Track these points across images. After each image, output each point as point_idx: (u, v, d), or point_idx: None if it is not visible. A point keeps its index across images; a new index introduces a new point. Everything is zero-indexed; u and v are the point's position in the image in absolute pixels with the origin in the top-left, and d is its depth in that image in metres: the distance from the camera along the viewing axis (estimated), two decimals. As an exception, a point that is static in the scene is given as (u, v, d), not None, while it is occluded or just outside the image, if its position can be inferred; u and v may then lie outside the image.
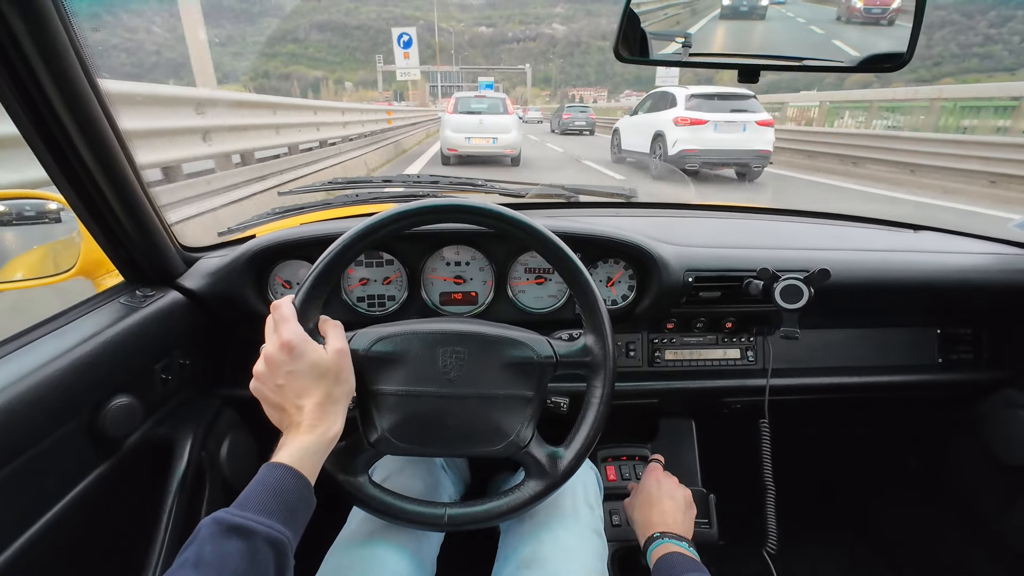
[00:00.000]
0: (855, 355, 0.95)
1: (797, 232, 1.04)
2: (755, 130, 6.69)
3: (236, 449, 0.77)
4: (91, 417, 0.56)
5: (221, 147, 4.12)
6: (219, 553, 0.37)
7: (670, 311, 0.86)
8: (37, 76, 0.46)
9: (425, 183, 0.99)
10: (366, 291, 0.82)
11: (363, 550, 0.58)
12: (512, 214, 0.56)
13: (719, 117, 6.70)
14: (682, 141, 6.69)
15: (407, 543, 0.60)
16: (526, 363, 0.56)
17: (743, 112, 6.81)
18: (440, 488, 0.72)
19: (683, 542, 0.65)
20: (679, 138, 6.71)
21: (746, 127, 6.70)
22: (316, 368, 0.48)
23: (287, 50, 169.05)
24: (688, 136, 6.68)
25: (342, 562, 0.57)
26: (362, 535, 0.60)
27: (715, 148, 6.64)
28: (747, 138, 6.67)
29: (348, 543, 0.60)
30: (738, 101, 6.87)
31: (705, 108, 6.79)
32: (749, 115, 6.78)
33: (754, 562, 0.83)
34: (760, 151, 6.71)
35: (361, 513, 0.58)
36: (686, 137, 6.68)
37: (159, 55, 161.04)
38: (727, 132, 6.66)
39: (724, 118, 6.71)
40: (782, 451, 0.87)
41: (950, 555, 1.09)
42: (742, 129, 6.68)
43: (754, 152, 6.71)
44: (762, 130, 6.72)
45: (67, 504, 0.53)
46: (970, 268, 0.90)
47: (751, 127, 6.70)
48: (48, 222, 0.77)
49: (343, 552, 0.59)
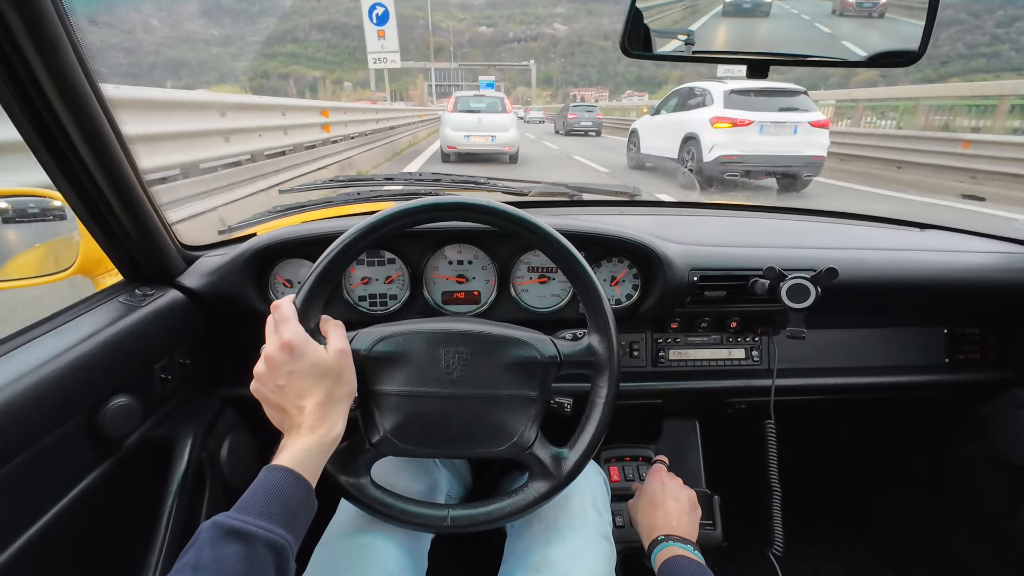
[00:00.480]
0: (861, 355, 0.95)
1: (803, 231, 1.03)
2: (808, 132, 5.59)
3: (236, 449, 0.77)
4: (90, 417, 0.56)
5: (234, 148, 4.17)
6: (218, 557, 0.36)
7: (674, 310, 0.85)
8: (35, 74, 0.46)
9: (427, 181, 0.98)
10: (368, 290, 0.82)
11: (356, 540, 0.57)
12: (515, 212, 0.56)
13: (765, 117, 5.55)
14: (721, 146, 5.61)
15: (400, 535, 0.59)
16: (530, 363, 0.55)
17: (794, 111, 5.65)
18: (436, 489, 0.71)
19: (688, 545, 0.65)
20: (717, 142, 5.63)
21: (797, 129, 5.56)
22: (317, 368, 0.47)
23: (286, 50, 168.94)
24: (728, 140, 5.59)
25: (336, 552, 0.57)
26: (354, 525, 0.59)
27: (760, 154, 5.55)
28: (798, 142, 5.58)
29: (341, 533, 0.59)
30: (787, 98, 5.73)
31: (748, 106, 5.62)
32: (801, 114, 5.64)
33: (759, 563, 0.82)
34: (813, 157, 5.63)
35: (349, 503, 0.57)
36: (725, 141, 5.60)
37: (157, 54, 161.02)
38: (775, 135, 5.55)
39: (771, 118, 5.56)
40: (787, 452, 0.86)
41: (955, 556, 1.08)
42: (792, 131, 5.56)
43: (806, 159, 5.61)
44: (816, 132, 5.61)
45: (66, 504, 0.52)
46: (977, 267, 0.89)
47: (803, 129, 5.57)
48: (52, 219, 0.77)
49: (336, 542, 0.58)
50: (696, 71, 17.83)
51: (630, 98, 64.66)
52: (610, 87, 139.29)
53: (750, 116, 5.59)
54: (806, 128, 5.60)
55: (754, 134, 5.58)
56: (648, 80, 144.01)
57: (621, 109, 28.61)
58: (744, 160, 5.60)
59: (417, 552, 0.62)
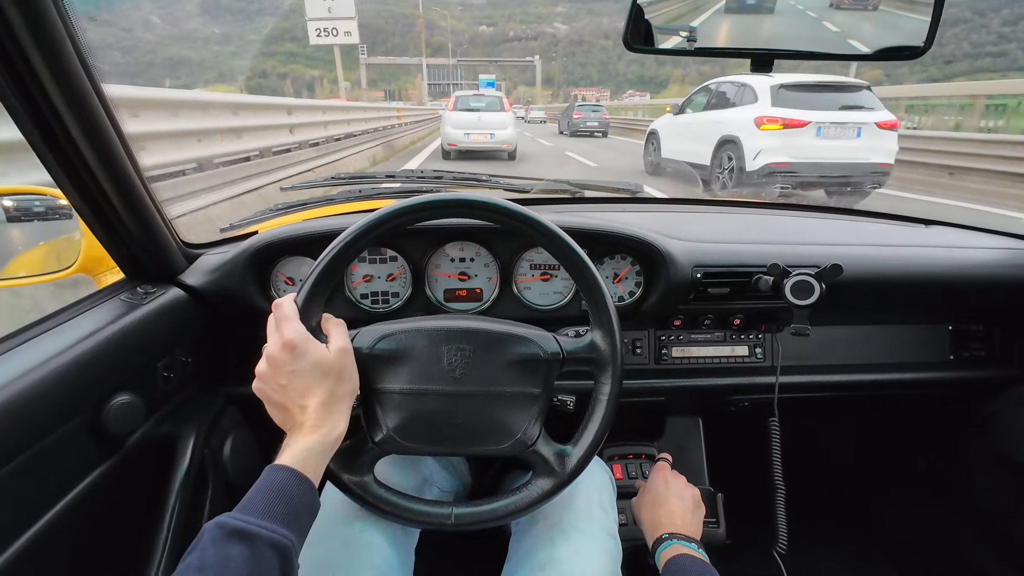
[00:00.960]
0: (865, 352, 0.94)
1: (807, 227, 1.03)
2: (874, 135, 4.63)
3: (239, 447, 0.77)
4: (93, 415, 0.56)
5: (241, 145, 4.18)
6: (222, 557, 0.36)
7: (677, 308, 0.85)
8: (36, 72, 0.46)
9: (429, 178, 0.98)
10: (369, 288, 0.81)
11: (342, 532, 0.57)
12: (517, 208, 0.55)
13: (824, 117, 4.58)
14: (769, 152, 4.63)
15: (387, 528, 0.59)
16: (532, 360, 0.55)
17: (857, 109, 4.67)
18: (428, 484, 0.72)
19: (692, 543, 0.64)
20: (764, 147, 4.66)
21: (861, 131, 4.60)
22: (319, 367, 0.47)
23: (285, 49, 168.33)
24: (778, 144, 4.61)
25: (321, 545, 0.56)
26: (340, 518, 0.59)
27: (816, 161, 4.59)
28: (862, 147, 4.62)
29: (326, 525, 0.58)
30: (849, 94, 4.77)
31: (802, 104, 4.66)
32: (865, 114, 4.67)
33: (763, 562, 0.82)
34: (879, 165, 4.68)
35: (336, 491, 0.57)
36: (775, 145, 4.62)
37: (155, 53, 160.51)
38: (835, 138, 4.60)
39: (831, 118, 4.58)
40: (790, 449, 0.86)
41: (959, 555, 1.08)
42: (855, 134, 4.61)
43: (870, 167, 4.68)
44: (883, 135, 4.65)
45: (69, 502, 0.52)
46: (982, 263, 0.89)
47: (868, 131, 4.61)
48: (59, 218, 0.77)
49: (321, 534, 0.57)
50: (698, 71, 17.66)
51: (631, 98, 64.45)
52: (611, 87, 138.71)
53: (805, 116, 4.57)
54: (872, 130, 4.62)
55: (810, 137, 4.57)
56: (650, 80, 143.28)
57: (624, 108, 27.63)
58: (797, 169, 4.61)
59: (405, 546, 0.61)
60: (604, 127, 16.26)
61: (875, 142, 4.67)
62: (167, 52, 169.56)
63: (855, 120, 4.68)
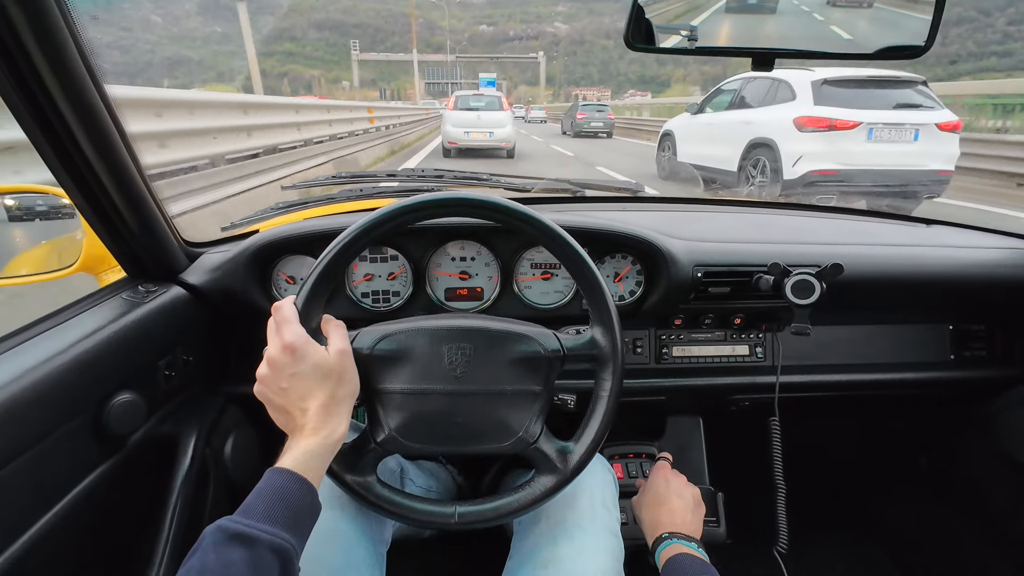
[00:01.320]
0: (866, 352, 0.94)
1: (807, 227, 1.03)
2: (933, 138, 4.00)
3: (240, 446, 0.77)
4: (95, 414, 0.56)
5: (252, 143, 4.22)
6: (223, 561, 0.36)
7: (678, 307, 0.85)
8: (38, 70, 0.46)
9: (429, 177, 0.98)
10: (371, 287, 0.81)
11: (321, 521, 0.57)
12: (517, 207, 0.55)
13: (876, 117, 3.94)
14: (812, 157, 4.02)
15: (361, 517, 0.59)
16: (533, 357, 0.55)
17: (914, 108, 4.05)
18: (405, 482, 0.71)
19: (692, 543, 0.64)
20: (806, 152, 4.04)
21: (919, 133, 3.96)
22: (319, 370, 0.47)
23: (284, 48, 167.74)
24: (822, 148, 4.00)
25: None
26: None
27: (867, 168, 3.97)
28: (920, 151, 3.99)
29: None
30: (903, 90, 4.12)
31: (850, 102, 4.02)
32: (923, 113, 4.04)
33: (763, 561, 0.82)
34: (939, 173, 4.07)
35: None
36: (818, 150, 4.01)
37: (153, 52, 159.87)
38: (888, 141, 3.97)
39: (884, 118, 3.95)
40: (791, 448, 0.86)
41: (960, 554, 1.08)
42: (912, 137, 3.97)
43: (929, 175, 4.06)
44: (944, 138, 4.03)
45: (71, 501, 0.52)
46: (983, 263, 0.89)
47: (927, 133, 3.97)
48: (61, 217, 0.77)
49: None
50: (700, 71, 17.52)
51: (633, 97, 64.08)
52: (612, 87, 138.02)
53: (855, 115, 3.93)
54: (931, 132, 3.97)
55: (860, 141, 3.94)
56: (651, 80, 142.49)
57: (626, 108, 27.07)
58: (845, 177, 3.97)
59: (378, 538, 0.61)
60: (609, 128, 15.77)
61: (935, 146, 4.03)
62: (165, 51, 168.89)
63: (912, 121, 4.00)
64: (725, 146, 4.93)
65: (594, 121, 15.65)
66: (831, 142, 4.03)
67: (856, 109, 4.04)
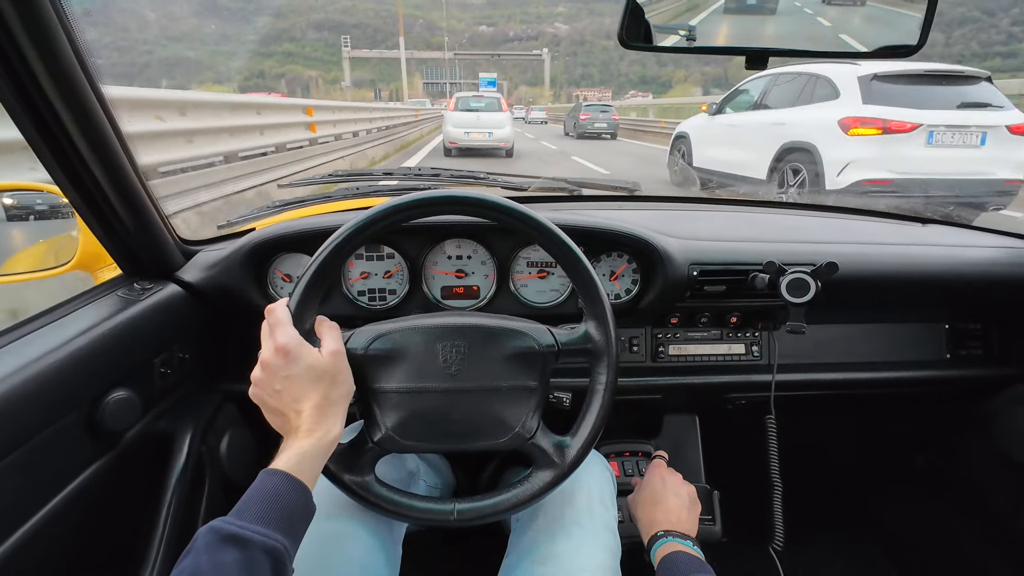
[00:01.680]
0: (862, 350, 0.95)
1: (803, 225, 1.03)
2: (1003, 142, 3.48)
3: (236, 444, 0.77)
4: (90, 410, 0.56)
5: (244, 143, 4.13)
6: (215, 563, 0.36)
7: (674, 305, 0.85)
8: (32, 68, 0.46)
9: (426, 176, 0.98)
10: (367, 285, 0.82)
11: (322, 525, 0.56)
12: (512, 205, 0.55)
13: (937, 118, 3.43)
14: (861, 165, 3.50)
15: (371, 521, 0.59)
16: (528, 353, 0.55)
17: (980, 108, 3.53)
18: (412, 483, 0.71)
19: (688, 540, 0.65)
20: (855, 158, 3.52)
21: (986, 137, 3.47)
22: (312, 371, 0.48)
23: (283, 49, 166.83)
24: (874, 154, 3.49)
25: (309, 538, 0.56)
26: (324, 511, 0.57)
27: (925, 176, 3.45)
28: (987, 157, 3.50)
29: None
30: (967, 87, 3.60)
31: (906, 100, 3.49)
32: (992, 113, 3.53)
33: (759, 559, 0.82)
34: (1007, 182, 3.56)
35: (319, 485, 0.57)
36: (869, 156, 3.49)
37: (151, 54, 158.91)
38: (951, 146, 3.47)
39: (946, 119, 3.44)
40: (787, 447, 0.86)
41: (957, 552, 1.08)
42: (979, 140, 3.47)
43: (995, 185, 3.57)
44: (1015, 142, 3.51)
45: (66, 497, 0.52)
46: (979, 262, 0.89)
47: (996, 137, 3.48)
48: (58, 217, 0.76)
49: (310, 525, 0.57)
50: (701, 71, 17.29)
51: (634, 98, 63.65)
52: (613, 87, 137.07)
53: (913, 116, 3.40)
54: (1001, 136, 3.46)
55: (918, 145, 3.43)
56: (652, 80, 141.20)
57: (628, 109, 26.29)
58: (899, 187, 3.47)
59: (389, 539, 0.61)
60: (613, 128, 15.36)
61: (1003, 151, 3.50)
62: (163, 52, 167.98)
63: (978, 123, 3.46)
64: (750, 150, 4.37)
65: (598, 122, 15.34)
66: (885, 147, 3.49)
67: (914, 109, 3.48)
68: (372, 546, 0.57)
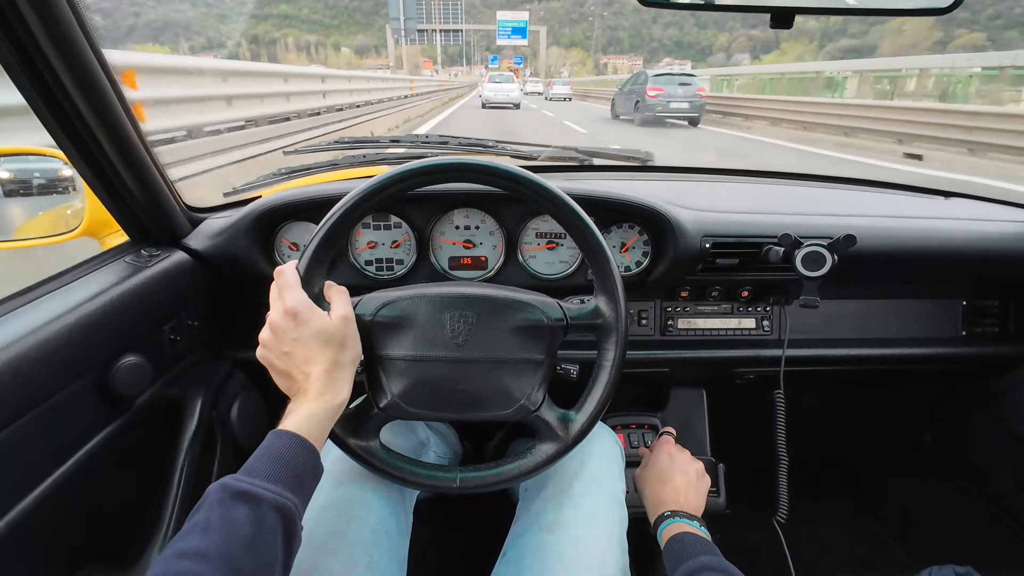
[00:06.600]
0: (875, 326, 0.93)
1: (820, 197, 1.00)
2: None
3: (246, 410, 0.78)
4: (101, 375, 0.56)
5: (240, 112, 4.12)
6: (227, 518, 0.37)
7: (685, 278, 0.83)
8: (34, 34, 0.45)
9: (434, 143, 0.95)
10: (374, 254, 0.81)
11: (336, 492, 0.58)
12: (522, 172, 0.54)
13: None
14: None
15: (382, 487, 0.60)
16: (536, 326, 0.54)
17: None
18: (423, 452, 0.72)
19: (694, 521, 0.65)
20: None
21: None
22: (321, 334, 0.47)
23: (279, 11, 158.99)
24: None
25: (322, 504, 0.57)
26: (334, 477, 0.59)
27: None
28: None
29: (324, 485, 0.57)
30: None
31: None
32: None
33: (763, 531, 0.83)
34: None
35: (333, 452, 0.57)
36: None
37: (137, 16, 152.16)
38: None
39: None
40: (794, 421, 0.85)
41: (964, 530, 1.09)
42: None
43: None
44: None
45: (81, 458, 0.53)
46: (1003, 236, 0.86)
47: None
48: (60, 192, 0.75)
49: (321, 493, 0.57)
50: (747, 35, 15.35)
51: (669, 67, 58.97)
52: (644, 54, 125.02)
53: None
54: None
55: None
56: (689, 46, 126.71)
57: None
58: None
59: (401, 506, 0.62)
60: (697, 110, 9.71)
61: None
62: (151, 15, 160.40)
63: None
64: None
65: (675, 100, 9.23)
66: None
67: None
68: (384, 512, 0.58)
